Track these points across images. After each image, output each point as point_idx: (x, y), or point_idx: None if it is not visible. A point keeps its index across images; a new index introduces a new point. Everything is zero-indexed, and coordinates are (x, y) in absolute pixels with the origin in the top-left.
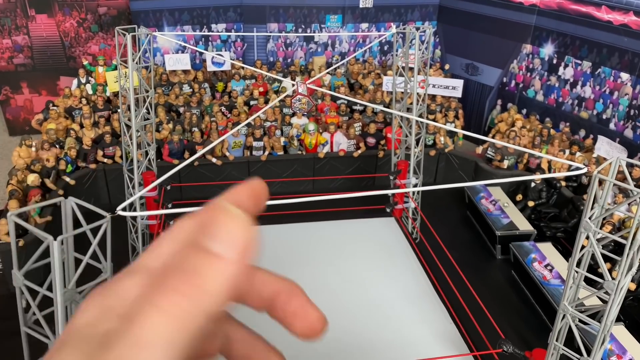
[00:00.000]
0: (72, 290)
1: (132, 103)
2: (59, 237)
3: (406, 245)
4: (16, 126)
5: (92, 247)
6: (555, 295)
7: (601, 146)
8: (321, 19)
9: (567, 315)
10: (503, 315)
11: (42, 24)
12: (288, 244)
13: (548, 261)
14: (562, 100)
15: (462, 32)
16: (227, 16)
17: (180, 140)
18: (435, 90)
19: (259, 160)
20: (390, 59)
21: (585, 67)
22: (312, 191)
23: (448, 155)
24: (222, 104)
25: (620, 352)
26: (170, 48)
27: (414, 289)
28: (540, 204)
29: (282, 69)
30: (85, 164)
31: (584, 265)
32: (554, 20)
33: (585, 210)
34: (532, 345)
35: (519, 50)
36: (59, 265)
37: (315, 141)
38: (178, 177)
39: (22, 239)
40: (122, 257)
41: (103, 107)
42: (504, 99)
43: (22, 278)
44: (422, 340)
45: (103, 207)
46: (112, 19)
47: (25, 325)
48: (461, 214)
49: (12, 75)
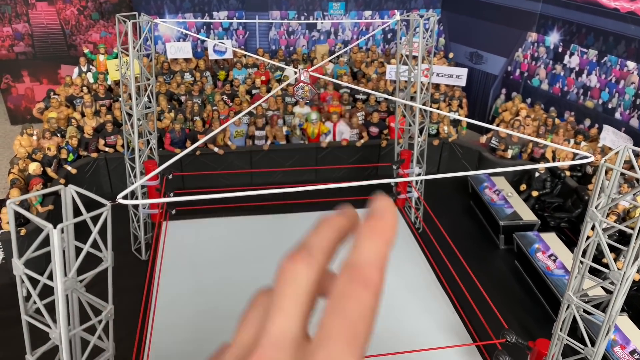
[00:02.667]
0: (72, 279)
1: (133, 92)
2: (59, 225)
3: (409, 235)
4: (17, 115)
5: (93, 235)
6: (558, 285)
7: (606, 136)
8: (324, 6)
9: (571, 306)
10: (506, 305)
11: (42, 12)
12: (290, 234)
13: (552, 251)
14: (567, 89)
15: (467, 20)
16: (229, 4)
17: (182, 129)
18: (439, 79)
19: (261, 150)
20: (394, 47)
21: (591, 55)
22: (315, 181)
23: (452, 144)
24: (224, 92)
25: (623, 342)
26: (171, 36)
27: (417, 279)
28: (544, 193)
29: (284, 57)
30: (86, 152)
31: (589, 256)
32: (559, 8)
33: (591, 200)
34: (536, 335)
35: (523, 38)
36: (59, 253)
37: (318, 130)
38: (180, 166)
39: (24, 228)
40: (124, 245)
41: (104, 95)
42: (508, 88)
43: (22, 267)
44: (426, 330)
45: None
46: (113, 7)
47: (26, 314)
48: (464, 203)
49: (12, 63)
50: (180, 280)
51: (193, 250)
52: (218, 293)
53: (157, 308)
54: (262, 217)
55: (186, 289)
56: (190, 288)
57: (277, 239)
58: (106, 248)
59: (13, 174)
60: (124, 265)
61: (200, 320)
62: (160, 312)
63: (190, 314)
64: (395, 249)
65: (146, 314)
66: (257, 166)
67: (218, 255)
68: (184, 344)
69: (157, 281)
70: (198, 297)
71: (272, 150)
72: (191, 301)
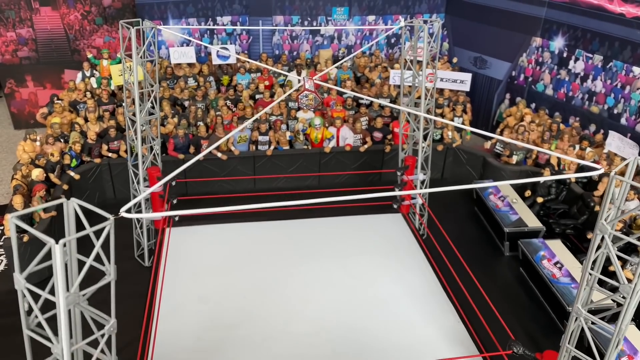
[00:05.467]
0: (74, 294)
1: (136, 98)
2: (61, 240)
3: (413, 241)
4: (21, 120)
5: (95, 249)
6: (564, 294)
7: (612, 141)
8: (327, 11)
9: (580, 318)
10: (511, 313)
11: (46, 17)
12: (294, 240)
13: (557, 259)
14: (572, 95)
15: (471, 24)
16: (233, 9)
17: (186, 135)
18: (443, 84)
19: (265, 155)
20: (398, 52)
21: (596, 60)
22: (318, 186)
23: (456, 150)
24: (228, 97)
25: (631, 352)
26: (175, 41)
27: (421, 286)
28: (549, 200)
29: (287, 62)
30: (90, 158)
31: (598, 268)
32: (564, 13)
33: (601, 212)
34: (541, 345)
35: (528, 43)
36: (61, 270)
37: (321, 136)
38: (183, 171)
39: (26, 234)
40: (127, 252)
41: (108, 100)
42: (512, 93)
43: (23, 281)
44: (431, 340)
45: (108, 201)
46: (116, 12)
47: (28, 328)
48: (469, 209)
49: (16, 68)
50: (184, 287)
51: (196, 256)
52: (222, 300)
53: (160, 315)
54: (266, 223)
55: (189, 296)
56: (194, 295)
57: (281, 245)
58: (109, 262)
59: (16, 179)
60: (128, 272)
61: (204, 328)
62: (163, 319)
63: (194, 322)
64: (399, 256)
65: (149, 321)
66: (260, 171)
67: (221, 261)
68: (188, 352)
69: (160, 288)
70: (201, 304)
71: (275, 156)
72: (194, 308)
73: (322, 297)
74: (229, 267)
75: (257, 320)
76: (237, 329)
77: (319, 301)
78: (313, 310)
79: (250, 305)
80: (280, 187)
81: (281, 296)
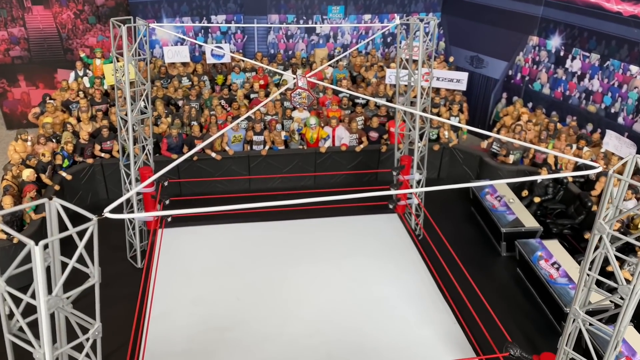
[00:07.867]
0: (56, 297)
1: (128, 97)
2: (42, 241)
3: (409, 242)
4: (13, 120)
5: (78, 250)
6: (562, 294)
7: (609, 141)
8: (323, 10)
9: (577, 320)
10: (508, 314)
11: (38, 16)
12: (288, 241)
13: (555, 259)
14: (569, 94)
15: (467, 23)
16: (227, 7)
17: (179, 135)
18: (440, 83)
19: (259, 155)
20: (394, 51)
21: (593, 59)
22: (314, 187)
23: (452, 149)
24: (222, 97)
25: (629, 353)
26: (169, 40)
27: (417, 287)
28: (546, 200)
29: (283, 61)
30: (82, 158)
31: (596, 269)
32: (561, 12)
33: (599, 212)
34: (539, 347)
35: (525, 42)
36: (41, 272)
37: (317, 135)
38: (177, 172)
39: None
40: (119, 253)
41: (101, 100)
42: (509, 92)
43: (4, 285)
44: (426, 342)
45: (101, 202)
46: (110, 11)
47: (9, 333)
48: (465, 210)
49: (8, 67)
50: (176, 288)
51: (189, 257)
52: (214, 302)
53: (151, 318)
54: (260, 224)
55: (181, 298)
56: (186, 297)
57: (275, 246)
58: (93, 264)
59: (6, 180)
60: (119, 273)
61: (196, 330)
62: (155, 322)
63: (186, 324)
64: (395, 257)
65: (139, 324)
66: (255, 171)
67: (214, 262)
68: (179, 354)
69: (152, 290)
70: (193, 306)
71: (270, 156)
72: (187, 311)
73: (317, 298)
74: (223, 269)
75: (251, 323)
76: (231, 331)
77: (314, 302)
78: (308, 311)
79: (244, 307)
80: (275, 187)
81: (275, 298)
